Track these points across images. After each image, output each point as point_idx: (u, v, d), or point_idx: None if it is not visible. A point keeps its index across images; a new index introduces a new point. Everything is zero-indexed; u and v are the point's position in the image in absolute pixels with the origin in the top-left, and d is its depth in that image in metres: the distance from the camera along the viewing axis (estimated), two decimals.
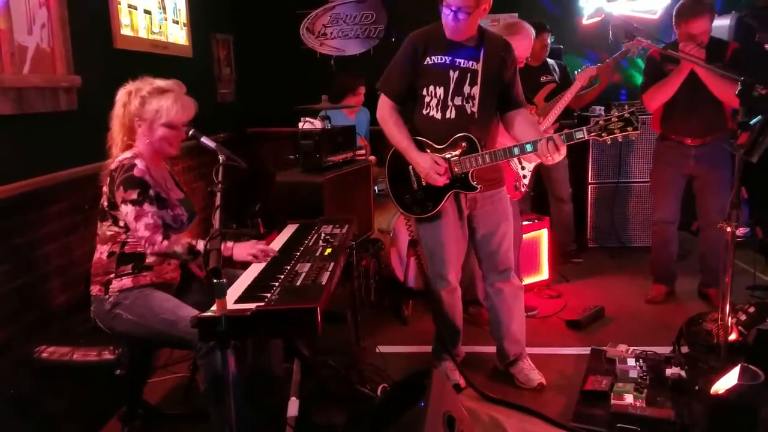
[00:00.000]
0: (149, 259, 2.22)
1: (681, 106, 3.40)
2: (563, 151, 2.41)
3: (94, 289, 2.24)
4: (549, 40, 4.17)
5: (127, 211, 2.10)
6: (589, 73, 3.73)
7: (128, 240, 2.20)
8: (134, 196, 2.10)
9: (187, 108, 2.25)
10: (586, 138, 2.43)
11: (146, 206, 2.11)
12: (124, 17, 3.43)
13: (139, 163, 2.15)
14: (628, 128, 2.41)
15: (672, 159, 3.54)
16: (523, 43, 3.06)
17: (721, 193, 3.42)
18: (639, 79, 5.15)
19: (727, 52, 3.33)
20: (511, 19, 4.02)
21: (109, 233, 2.21)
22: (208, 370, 2.04)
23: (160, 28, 3.89)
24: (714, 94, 3.26)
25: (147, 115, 2.20)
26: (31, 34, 2.64)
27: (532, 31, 3.16)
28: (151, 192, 2.15)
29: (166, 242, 2.09)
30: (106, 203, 2.20)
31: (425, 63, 2.55)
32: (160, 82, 2.24)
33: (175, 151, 2.30)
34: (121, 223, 2.18)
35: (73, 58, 2.89)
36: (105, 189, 2.20)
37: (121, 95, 2.24)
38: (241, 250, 2.18)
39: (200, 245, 2.10)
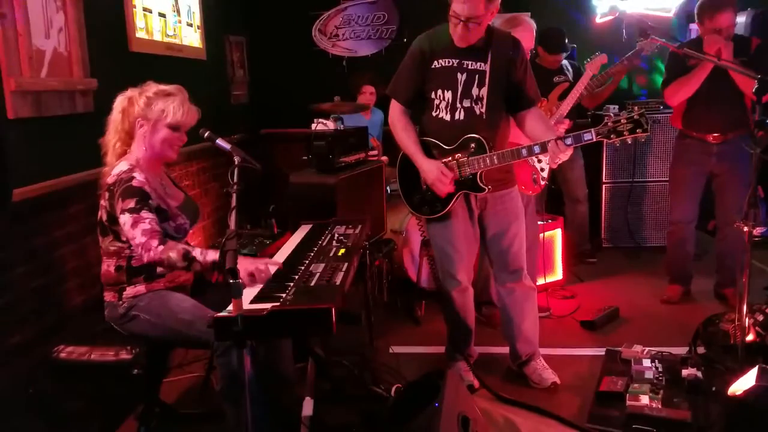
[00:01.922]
0: (160, 268, 2.19)
1: (703, 102, 3.37)
2: (568, 152, 2.42)
3: (108, 296, 2.24)
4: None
5: (125, 220, 2.06)
6: (600, 61, 3.69)
7: (134, 254, 2.16)
8: (132, 204, 2.06)
9: (192, 112, 2.25)
10: (594, 140, 2.42)
11: (144, 213, 2.06)
12: (139, 20, 3.46)
13: (138, 175, 2.12)
14: (638, 130, 2.39)
15: (693, 157, 3.51)
16: (525, 35, 3.04)
17: (741, 192, 3.37)
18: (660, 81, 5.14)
19: (752, 47, 3.32)
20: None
21: (112, 248, 2.19)
22: (226, 370, 2.04)
23: (175, 30, 3.93)
24: (740, 87, 3.23)
25: (152, 114, 2.18)
26: (48, 38, 2.67)
27: (533, 24, 3.15)
28: (151, 202, 2.12)
29: (161, 247, 2.03)
30: (105, 217, 2.17)
31: (432, 66, 2.55)
32: (163, 86, 2.23)
33: (174, 156, 2.27)
34: (124, 238, 2.14)
35: (90, 62, 2.92)
36: (103, 203, 2.17)
37: (120, 101, 2.23)
38: (239, 264, 2.02)
39: (196, 252, 2.05)
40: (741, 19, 4.37)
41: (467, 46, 2.51)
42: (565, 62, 4.17)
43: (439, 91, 2.56)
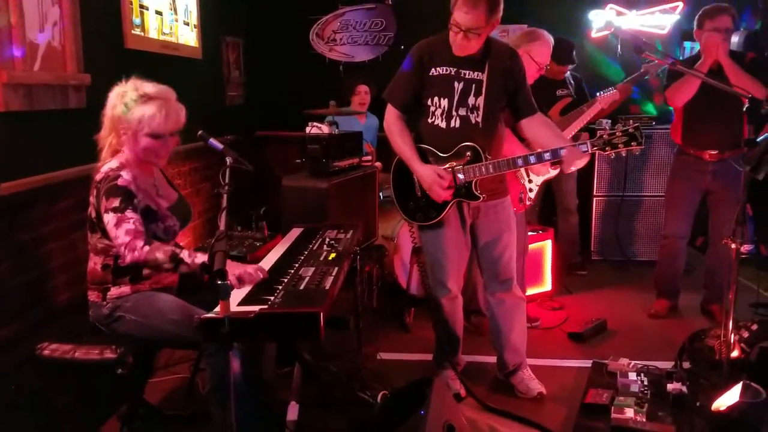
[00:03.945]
0: (146, 270, 2.16)
1: (701, 119, 3.42)
2: (585, 159, 2.49)
3: (92, 296, 2.21)
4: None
5: (108, 219, 2.03)
6: (612, 97, 3.71)
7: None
8: (116, 203, 2.03)
9: (173, 116, 2.14)
10: (590, 152, 2.47)
11: (128, 212, 2.03)
12: (135, 17, 3.45)
13: (125, 174, 2.08)
14: (632, 143, 2.43)
15: (689, 174, 3.54)
16: (543, 50, 3.07)
17: (735, 210, 3.41)
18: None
19: (746, 60, 3.38)
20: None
21: (100, 246, 2.17)
22: (215, 371, 2.03)
23: (171, 29, 3.92)
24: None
25: (130, 124, 2.11)
26: (42, 31, 2.65)
27: (551, 39, 3.17)
28: (136, 201, 2.08)
29: (147, 248, 2.00)
30: (93, 214, 2.15)
31: (430, 74, 2.55)
32: (148, 88, 2.13)
33: (162, 162, 2.23)
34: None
35: (84, 57, 2.91)
36: (92, 199, 2.15)
37: (111, 97, 2.17)
38: (228, 268, 2.02)
39: (184, 254, 2.03)
40: (734, 38, 4.43)
41: (465, 56, 2.52)
42: (568, 74, 4.20)
43: (436, 99, 2.56)
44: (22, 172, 2.51)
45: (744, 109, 2.61)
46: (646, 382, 2.66)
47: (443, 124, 2.58)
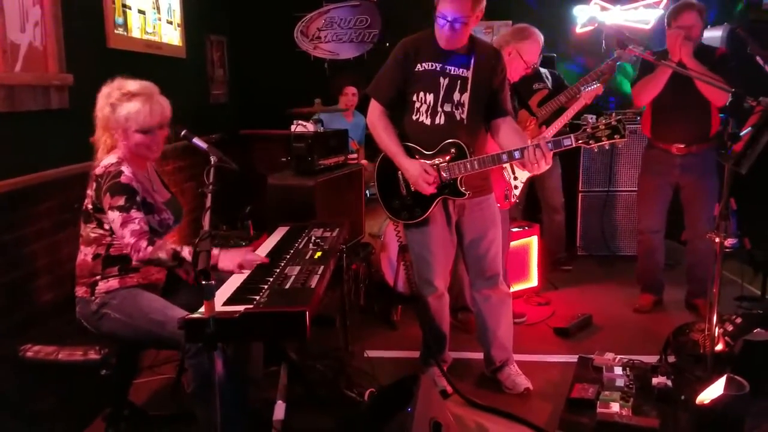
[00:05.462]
0: (135, 262, 2.19)
1: (669, 113, 3.44)
2: (549, 158, 2.43)
3: (80, 291, 2.22)
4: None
5: (114, 217, 2.08)
6: (595, 92, 3.73)
7: (113, 242, 2.18)
8: (121, 202, 2.08)
9: (158, 110, 2.19)
10: (574, 145, 2.46)
11: (133, 212, 2.08)
12: (117, 17, 3.42)
13: (126, 170, 2.13)
14: (615, 136, 2.44)
15: (659, 168, 3.57)
16: (533, 48, 3.07)
17: (708, 203, 3.45)
18: (628, 87, 5.23)
19: (715, 55, 3.39)
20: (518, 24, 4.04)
21: (93, 235, 2.19)
22: (197, 372, 2.03)
23: (154, 28, 3.88)
24: (702, 92, 3.29)
25: (118, 123, 2.16)
26: (23, 31, 2.62)
27: (541, 37, 3.17)
28: (138, 198, 2.13)
29: (150, 248, 2.05)
30: (90, 205, 2.18)
31: (416, 69, 2.55)
32: (130, 86, 2.18)
33: (155, 155, 2.26)
34: (106, 226, 2.16)
35: (66, 57, 2.88)
36: (90, 192, 2.18)
37: (99, 99, 2.21)
38: (227, 259, 2.10)
39: (185, 252, 2.07)
40: (717, 33, 4.46)
41: (451, 53, 2.52)
42: (543, 71, 4.21)
43: (421, 94, 2.56)
44: (4, 173, 2.48)
45: (727, 103, 2.64)
46: (631, 377, 2.68)
47: (428, 121, 2.58)
